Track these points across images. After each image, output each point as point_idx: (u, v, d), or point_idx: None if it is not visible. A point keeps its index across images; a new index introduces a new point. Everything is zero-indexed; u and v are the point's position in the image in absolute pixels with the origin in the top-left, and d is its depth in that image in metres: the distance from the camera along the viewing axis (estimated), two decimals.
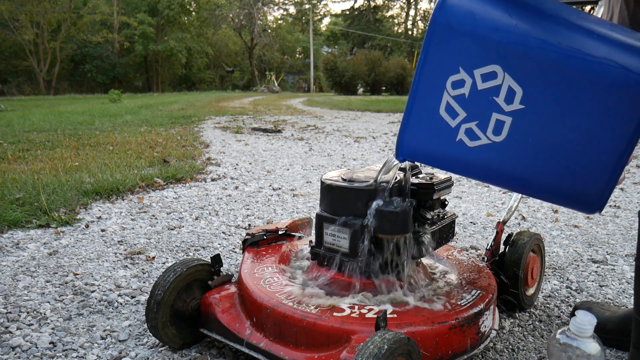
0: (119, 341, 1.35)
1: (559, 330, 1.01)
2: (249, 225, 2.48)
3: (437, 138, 0.98)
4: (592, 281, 1.82)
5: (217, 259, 1.36)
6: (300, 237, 1.61)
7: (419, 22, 50.42)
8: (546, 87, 0.88)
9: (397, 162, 1.13)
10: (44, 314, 1.49)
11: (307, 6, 44.25)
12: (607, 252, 2.13)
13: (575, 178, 0.92)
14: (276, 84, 33.29)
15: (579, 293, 1.72)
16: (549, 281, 1.81)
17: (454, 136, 0.96)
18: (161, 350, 1.30)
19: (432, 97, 0.96)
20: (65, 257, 1.97)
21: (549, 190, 0.97)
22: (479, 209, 2.83)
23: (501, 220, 1.54)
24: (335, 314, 1.09)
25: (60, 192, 2.86)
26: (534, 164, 0.94)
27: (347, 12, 50.40)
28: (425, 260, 1.43)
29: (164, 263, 1.94)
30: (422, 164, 1.10)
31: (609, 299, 1.67)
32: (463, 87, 0.93)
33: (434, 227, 1.26)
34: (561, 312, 1.57)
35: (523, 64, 0.89)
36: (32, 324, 1.43)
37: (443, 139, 0.97)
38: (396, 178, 1.26)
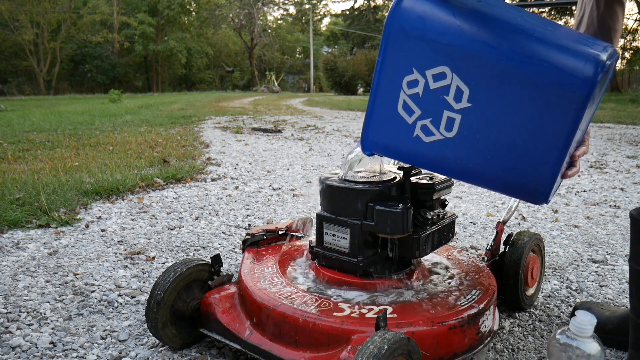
0: (119, 341, 1.35)
1: (559, 330, 1.01)
2: (249, 225, 2.48)
3: (396, 133, 1.05)
4: (592, 281, 1.82)
5: (217, 259, 1.36)
6: (300, 237, 1.61)
7: None
8: (490, 87, 0.94)
9: (354, 155, 1.22)
10: (44, 314, 1.49)
11: (307, 6, 44.25)
12: (607, 252, 2.13)
13: (520, 171, 0.98)
14: (276, 84, 33.30)
15: (579, 293, 1.72)
16: (549, 281, 1.81)
17: (411, 132, 1.03)
18: (161, 350, 1.30)
19: (391, 96, 1.02)
20: (65, 257, 1.98)
21: (498, 182, 1.03)
22: (479, 209, 2.83)
23: (501, 220, 1.54)
24: (335, 314, 1.09)
25: (60, 192, 2.86)
26: (483, 158, 1.00)
27: (347, 12, 50.39)
28: (425, 260, 1.43)
29: (164, 263, 1.94)
30: (384, 157, 1.17)
31: (609, 299, 1.67)
32: (417, 86, 1.00)
33: (433, 227, 1.26)
34: (561, 312, 1.57)
35: (468, 64, 0.95)
36: (32, 324, 1.43)
37: (402, 135, 1.04)
38: (396, 178, 1.26)
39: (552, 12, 19.92)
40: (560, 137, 0.92)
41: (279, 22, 45.75)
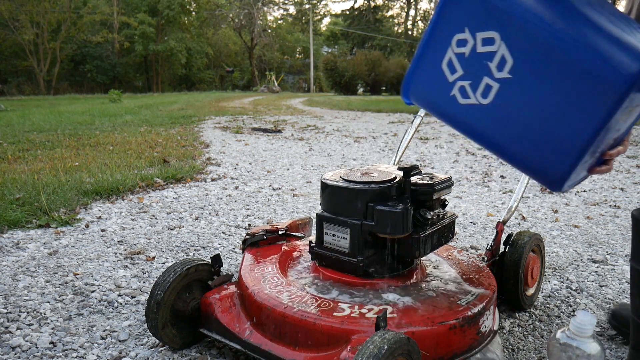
0: (119, 341, 1.35)
1: (559, 330, 1.01)
2: (249, 225, 2.48)
3: (435, 88, 1.06)
4: (592, 281, 1.82)
5: (217, 259, 1.36)
6: (300, 237, 1.61)
7: (419, 22, 50.43)
8: (534, 63, 0.93)
9: None
10: (44, 314, 1.49)
11: (307, 6, 44.25)
12: (607, 252, 2.13)
13: (542, 152, 0.98)
14: (276, 84, 33.29)
15: (579, 293, 1.72)
16: (549, 281, 1.81)
17: (449, 90, 1.04)
18: (161, 350, 1.30)
19: (438, 50, 1.04)
20: (65, 257, 1.97)
21: (519, 158, 1.03)
22: (479, 209, 2.83)
23: (501, 220, 1.54)
24: (335, 314, 1.09)
25: (60, 192, 2.86)
26: (510, 131, 1.00)
27: (347, 12, 50.39)
28: (425, 260, 1.43)
29: (164, 263, 1.94)
30: (425, 112, 1.22)
31: (609, 299, 1.67)
32: (465, 46, 1.00)
33: (433, 227, 1.26)
34: (561, 312, 1.57)
35: (519, 36, 0.94)
36: (32, 324, 1.43)
37: (439, 90, 1.06)
38: (396, 178, 1.26)
39: None
40: (587, 130, 0.91)
41: (279, 22, 45.76)
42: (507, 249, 1.50)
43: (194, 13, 35.52)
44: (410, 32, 50.15)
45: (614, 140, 0.98)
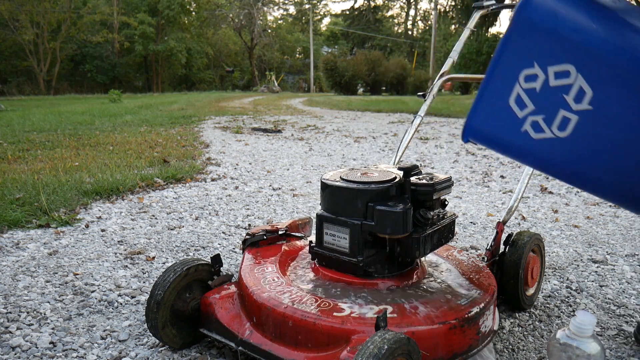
0: (119, 341, 1.35)
1: (559, 330, 1.01)
2: (249, 225, 2.48)
3: (503, 125, 1.02)
4: (592, 281, 1.82)
5: (217, 259, 1.36)
6: (300, 237, 1.61)
7: (419, 22, 50.44)
8: (617, 93, 0.90)
9: None
10: (44, 314, 1.49)
11: (307, 6, 44.25)
12: (607, 252, 2.13)
13: (632, 179, 0.95)
14: (276, 84, 33.30)
15: (579, 293, 1.72)
16: (549, 281, 1.81)
17: (519, 126, 1.00)
18: (161, 350, 1.30)
19: (504, 86, 1.00)
20: (65, 257, 1.98)
21: (609, 189, 1.00)
22: (479, 209, 2.83)
23: (501, 220, 1.54)
24: (335, 314, 1.09)
25: (60, 192, 2.86)
26: (596, 163, 0.96)
27: (347, 12, 50.40)
28: (425, 260, 1.43)
29: (164, 263, 1.94)
30: (484, 147, 1.12)
31: (609, 299, 1.67)
32: (535, 81, 0.96)
33: (433, 227, 1.26)
34: (561, 312, 1.57)
35: (597, 67, 0.91)
36: (32, 324, 1.43)
37: (509, 127, 1.01)
38: (396, 178, 1.26)
39: None
40: None
41: (279, 22, 45.76)
42: (507, 249, 1.50)
43: (194, 13, 35.51)
44: (410, 32, 50.15)
45: None
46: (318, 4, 47.66)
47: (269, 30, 41.37)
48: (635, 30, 0.91)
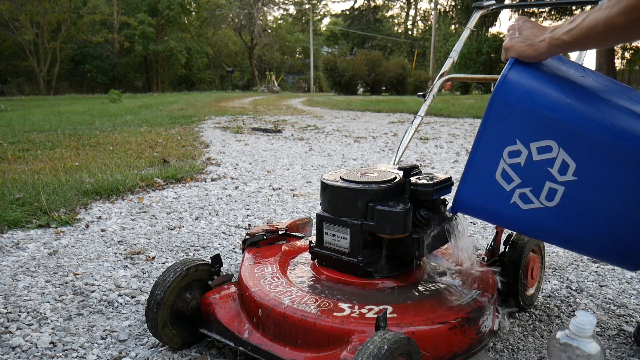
0: (119, 341, 1.35)
1: (559, 330, 1.01)
2: (249, 225, 2.48)
3: (492, 199, 1.06)
4: (592, 281, 1.82)
5: (217, 259, 1.36)
6: (300, 237, 1.61)
7: (419, 22, 50.44)
8: (599, 163, 0.95)
9: None
10: (44, 314, 1.49)
11: (307, 6, 44.25)
12: None
13: (620, 241, 1.00)
14: (276, 84, 33.30)
15: (579, 293, 1.72)
16: (549, 281, 1.81)
17: (508, 198, 1.04)
18: (161, 350, 1.30)
19: (489, 163, 1.04)
20: (65, 257, 1.97)
21: (597, 250, 1.06)
22: None
23: None
24: (335, 314, 1.09)
25: (60, 192, 2.86)
26: (584, 228, 1.01)
27: (347, 12, 50.41)
28: (425, 260, 1.43)
29: (164, 263, 1.94)
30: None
31: (609, 299, 1.67)
32: (519, 157, 1.01)
33: (433, 227, 1.26)
34: (561, 312, 1.57)
35: (577, 141, 0.96)
36: (32, 324, 1.43)
37: (498, 200, 1.05)
38: (395, 178, 1.26)
39: (552, 13, 19.91)
40: None
41: (279, 22, 45.76)
42: (507, 249, 1.50)
43: (194, 13, 35.51)
44: (410, 32, 50.15)
45: None
46: (318, 4, 47.66)
47: (269, 30, 41.38)
48: (608, 103, 0.97)
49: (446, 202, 1.37)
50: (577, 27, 0.92)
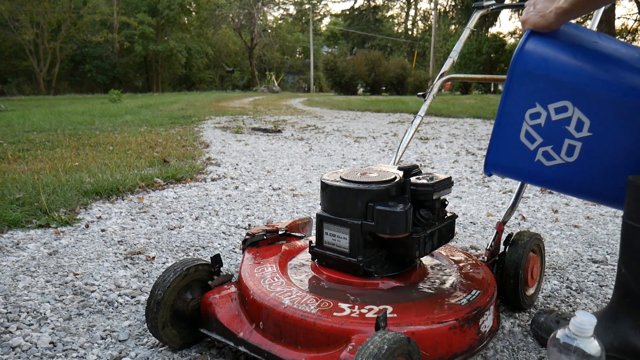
0: (119, 341, 1.35)
1: (559, 330, 1.01)
2: (249, 225, 2.48)
3: (518, 158, 1.17)
4: (592, 281, 1.82)
5: (217, 259, 1.36)
6: (300, 237, 1.61)
7: (419, 22, 50.44)
8: (610, 118, 1.06)
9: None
10: (44, 314, 1.49)
11: (307, 6, 44.25)
12: (607, 252, 2.13)
13: None
14: (276, 84, 33.31)
15: (579, 293, 1.72)
16: (549, 281, 1.81)
17: (533, 157, 1.15)
18: (161, 350, 1.30)
19: (513, 126, 1.15)
20: (65, 257, 1.98)
21: (614, 199, 1.14)
22: (479, 209, 2.83)
23: (501, 220, 1.54)
24: (335, 314, 1.09)
25: (60, 192, 2.86)
26: (602, 179, 1.11)
27: (347, 12, 50.41)
28: (425, 260, 1.43)
29: (164, 263, 1.94)
30: (504, 177, 1.29)
31: (609, 299, 1.67)
32: (539, 118, 1.12)
33: (433, 227, 1.26)
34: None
35: (590, 99, 1.06)
36: (32, 324, 1.43)
37: (523, 159, 1.17)
38: (395, 178, 1.26)
39: None
40: None
41: (279, 22, 45.76)
42: (507, 249, 1.50)
43: (194, 13, 35.50)
44: (410, 32, 50.15)
45: None
46: (318, 4, 47.66)
47: (269, 30, 41.38)
48: (616, 63, 1.08)
49: (446, 202, 1.37)
50: None
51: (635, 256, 1.12)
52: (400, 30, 50.86)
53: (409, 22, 51.14)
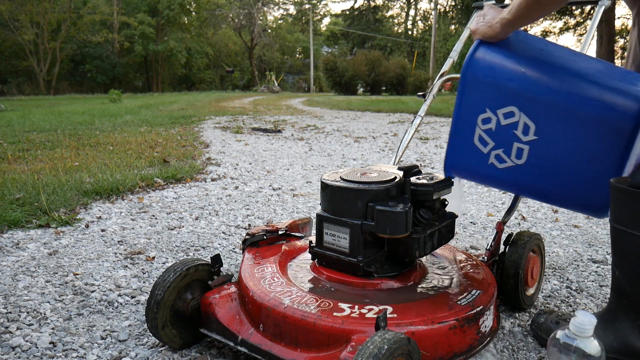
0: (119, 341, 1.35)
1: (559, 330, 1.01)
2: (249, 225, 2.48)
3: (473, 161, 1.23)
4: (592, 281, 1.82)
5: (217, 259, 1.36)
6: (300, 237, 1.61)
7: (419, 22, 50.44)
8: (553, 122, 1.11)
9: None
10: (44, 314, 1.49)
11: (307, 6, 44.25)
12: (607, 252, 2.13)
13: (582, 190, 1.15)
14: (276, 84, 33.31)
15: (579, 293, 1.72)
16: (549, 281, 1.81)
17: (486, 160, 1.21)
18: (161, 350, 1.30)
19: (468, 130, 1.21)
20: (65, 257, 1.97)
21: (562, 200, 1.21)
22: (479, 209, 2.83)
23: (501, 220, 1.54)
24: (335, 314, 1.09)
25: (60, 192, 2.86)
26: (549, 181, 1.17)
27: (347, 12, 50.40)
28: (425, 260, 1.43)
29: (164, 263, 1.94)
30: (461, 179, 1.36)
31: (609, 299, 1.67)
32: (490, 123, 1.18)
33: (433, 227, 1.26)
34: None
35: (533, 105, 1.12)
36: (32, 324, 1.43)
37: (478, 162, 1.22)
38: (395, 178, 1.26)
39: (552, 13, 19.90)
40: (613, 163, 1.09)
41: (279, 22, 45.75)
42: (507, 249, 1.50)
43: (194, 13, 35.50)
44: (410, 32, 50.15)
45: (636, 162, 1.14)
46: (318, 4, 47.65)
47: (269, 30, 41.37)
48: (558, 69, 1.13)
49: (446, 202, 1.37)
50: (514, 5, 1.12)
51: (625, 258, 1.12)
52: (400, 30, 50.87)
53: (409, 22, 51.14)
